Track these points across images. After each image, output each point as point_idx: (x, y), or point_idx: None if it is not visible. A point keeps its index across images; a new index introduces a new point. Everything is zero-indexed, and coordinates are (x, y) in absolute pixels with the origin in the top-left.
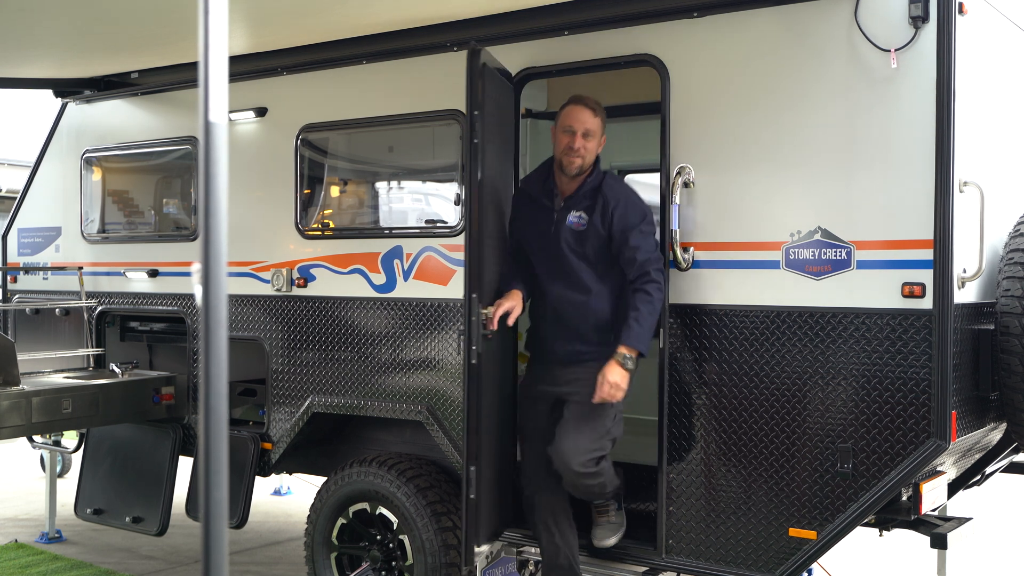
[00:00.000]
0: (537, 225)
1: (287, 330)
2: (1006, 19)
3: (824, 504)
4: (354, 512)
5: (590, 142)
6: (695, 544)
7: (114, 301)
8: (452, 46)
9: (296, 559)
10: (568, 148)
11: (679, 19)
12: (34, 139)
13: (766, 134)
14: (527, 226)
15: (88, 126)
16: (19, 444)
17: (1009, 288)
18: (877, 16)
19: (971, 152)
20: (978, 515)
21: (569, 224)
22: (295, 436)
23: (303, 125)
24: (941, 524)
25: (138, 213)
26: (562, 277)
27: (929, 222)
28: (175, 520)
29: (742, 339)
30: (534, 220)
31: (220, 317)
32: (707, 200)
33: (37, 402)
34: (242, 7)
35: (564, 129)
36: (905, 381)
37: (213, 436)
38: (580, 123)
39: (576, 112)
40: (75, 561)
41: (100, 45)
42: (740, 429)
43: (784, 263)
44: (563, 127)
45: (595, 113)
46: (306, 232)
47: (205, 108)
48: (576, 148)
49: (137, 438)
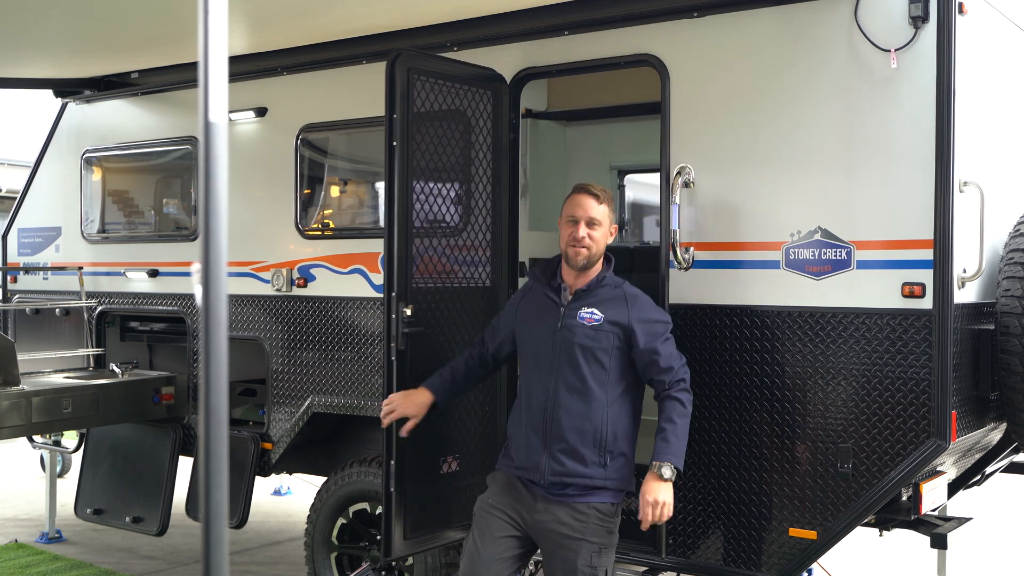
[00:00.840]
0: (541, 320)
1: (287, 330)
2: (1006, 19)
3: (824, 504)
4: (354, 512)
5: (596, 231)
6: (695, 544)
7: (114, 301)
8: (452, 46)
9: (296, 559)
10: (573, 239)
11: (679, 19)
12: (34, 139)
13: (766, 134)
14: (527, 321)
15: (88, 126)
16: (19, 444)
17: (1009, 288)
18: (877, 16)
19: (971, 152)
20: (978, 515)
21: (580, 320)
22: (295, 436)
23: (303, 125)
24: (941, 524)
25: (138, 213)
26: (562, 379)
27: (929, 222)
28: (175, 520)
29: (742, 339)
30: (539, 315)
31: (220, 317)
32: (707, 200)
33: (37, 402)
34: (242, 7)
35: (568, 219)
36: (905, 381)
37: (213, 436)
38: (584, 212)
39: (580, 200)
40: (75, 561)
41: (100, 45)
42: (740, 429)
43: (784, 263)
44: (567, 217)
45: (599, 200)
46: (306, 232)
47: (205, 108)
48: (581, 238)
49: (137, 438)
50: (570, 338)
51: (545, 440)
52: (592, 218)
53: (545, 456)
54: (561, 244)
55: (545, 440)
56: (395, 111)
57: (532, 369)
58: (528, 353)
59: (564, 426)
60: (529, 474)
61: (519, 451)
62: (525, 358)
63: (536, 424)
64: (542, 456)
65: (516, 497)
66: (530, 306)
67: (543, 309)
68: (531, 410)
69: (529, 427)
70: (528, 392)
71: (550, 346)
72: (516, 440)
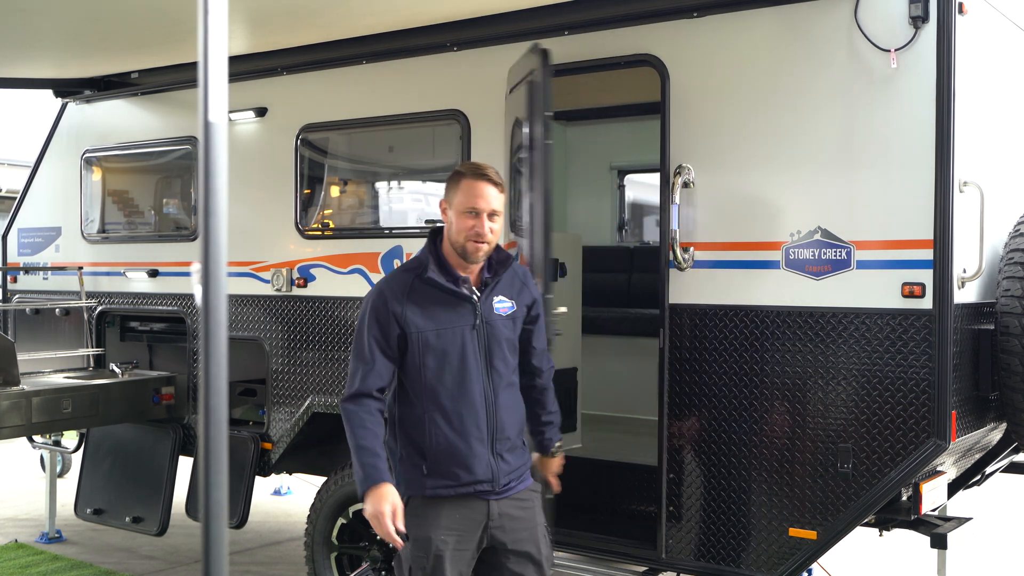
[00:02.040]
0: (449, 322)
1: (287, 330)
2: (1006, 19)
3: (824, 504)
4: (354, 512)
5: (496, 223)
6: (695, 544)
7: (114, 301)
8: (452, 46)
9: (296, 559)
10: (476, 234)
11: (679, 19)
12: (34, 139)
13: (766, 134)
14: (427, 326)
15: (88, 126)
16: (19, 444)
17: (1009, 288)
18: (877, 16)
19: (971, 152)
20: (978, 515)
21: (497, 312)
22: (295, 436)
23: (303, 125)
24: (941, 524)
25: (138, 213)
26: (495, 377)
27: (929, 222)
28: (175, 520)
29: (742, 339)
30: (443, 315)
31: (220, 317)
32: (707, 200)
33: (37, 402)
34: (242, 7)
35: (468, 211)
36: (905, 381)
37: (213, 436)
38: (487, 203)
39: (481, 190)
40: (75, 561)
41: (100, 45)
42: (740, 429)
43: (784, 263)
44: (467, 208)
45: (500, 189)
46: (306, 232)
47: (205, 108)
48: (483, 234)
49: (137, 438)
50: (493, 333)
51: (491, 445)
52: (494, 210)
53: (494, 460)
54: (455, 236)
55: (491, 445)
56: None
57: (448, 375)
58: (436, 360)
59: (506, 424)
60: (481, 486)
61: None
62: (430, 368)
63: (479, 431)
64: (491, 461)
65: (469, 518)
66: (421, 309)
67: (446, 307)
68: (469, 418)
69: (471, 437)
70: (454, 400)
71: (471, 346)
72: (455, 455)
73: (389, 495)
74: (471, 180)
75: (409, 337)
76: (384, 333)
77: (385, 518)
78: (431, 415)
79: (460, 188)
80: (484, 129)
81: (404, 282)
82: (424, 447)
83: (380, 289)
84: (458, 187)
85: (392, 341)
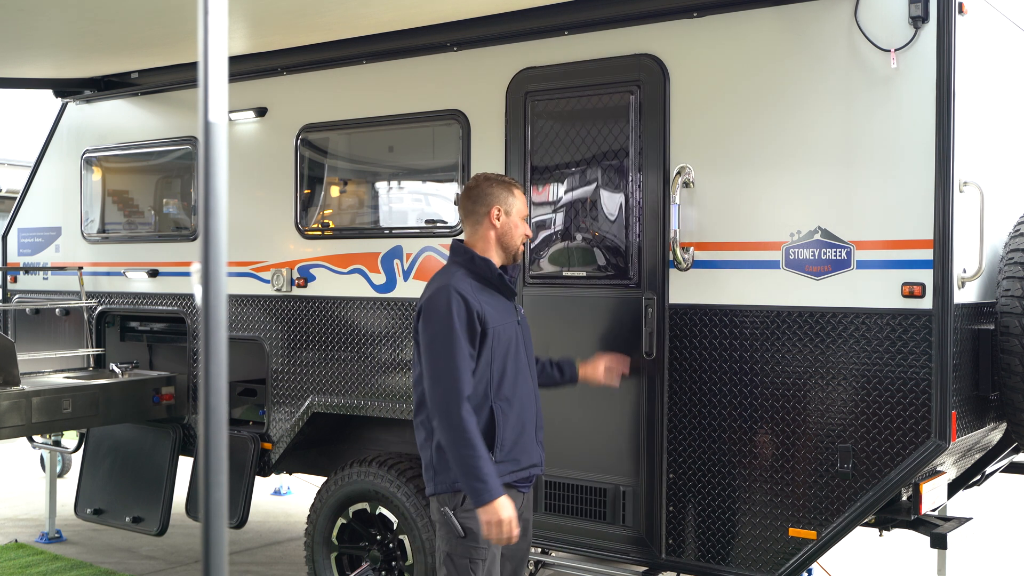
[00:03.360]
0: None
1: (287, 330)
2: (1006, 19)
3: (824, 504)
4: (354, 512)
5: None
6: (695, 544)
7: (114, 301)
8: (452, 46)
9: (296, 559)
10: (527, 237)
11: (679, 19)
12: (34, 139)
13: (766, 134)
14: (495, 323)
15: (88, 126)
16: (19, 444)
17: (1009, 288)
18: (877, 16)
19: (971, 152)
20: (978, 515)
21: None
22: (295, 436)
23: (303, 125)
24: (941, 524)
25: (138, 213)
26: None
27: (929, 222)
28: (175, 520)
29: (742, 339)
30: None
31: (220, 317)
32: (707, 200)
33: (37, 402)
34: (242, 7)
35: (525, 217)
36: (905, 381)
37: (213, 436)
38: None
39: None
40: (75, 561)
41: (100, 45)
42: (740, 429)
43: (784, 263)
44: (524, 215)
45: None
46: (306, 232)
47: (205, 108)
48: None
49: (137, 438)
50: (525, 327)
51: (535, 432)
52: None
53: (539, 447)
54: (513, 238)
55: (535, 432)
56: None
57: (510, 367)
58: (500, 355)
59: (541, 414)
60: (534, 470)
61: (524, 451)
62: (499, 360)
63: (532, 421)
64: (537, 448)
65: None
66: (489, 307)
67: (500, 304)
68: (525, 408)
69: (529, 425)
70: (514, 391)
71: (519, 339)
72: (520, 441)
73: (510, 503)
74: (520, 190)
75: (487, 333)
76: (471, 334)
77: (515, 523)
78: (499, 406)
79: (516, 196)
80: (484, 129)
81: (470, 282)
82: (494, 437)
83: (453, 289)
84: (513, 195)
85: (475, 340)
